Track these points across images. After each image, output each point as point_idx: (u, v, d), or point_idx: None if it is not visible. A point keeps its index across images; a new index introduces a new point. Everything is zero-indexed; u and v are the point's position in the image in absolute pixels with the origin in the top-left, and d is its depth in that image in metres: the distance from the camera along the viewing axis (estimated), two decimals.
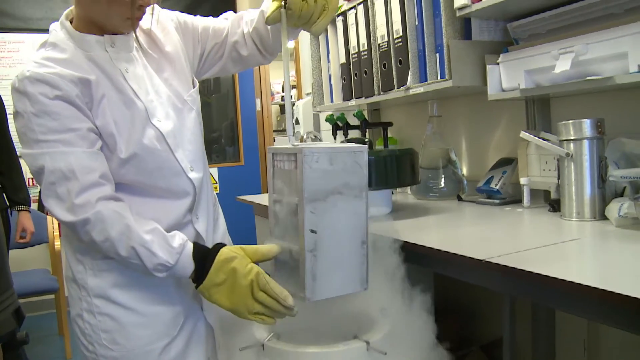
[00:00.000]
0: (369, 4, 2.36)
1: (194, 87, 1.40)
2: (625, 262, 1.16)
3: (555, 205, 1.75)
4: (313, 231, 1.10)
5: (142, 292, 1.27)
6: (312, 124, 3.54)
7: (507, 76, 1.89)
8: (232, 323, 1.28)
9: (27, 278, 3.80)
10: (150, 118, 1.26)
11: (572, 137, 1.60)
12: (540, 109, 2.06)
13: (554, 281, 1.01)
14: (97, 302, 1.26)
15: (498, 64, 1.91)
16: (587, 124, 1.58)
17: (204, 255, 1.18)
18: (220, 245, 1.20)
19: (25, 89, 1.15)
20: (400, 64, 2.17)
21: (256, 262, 1.18)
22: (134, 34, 1.30)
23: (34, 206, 4.07)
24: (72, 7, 1.27)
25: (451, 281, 1.38)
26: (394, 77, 2.21)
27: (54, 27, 1.27)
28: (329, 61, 2.81)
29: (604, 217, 1.55)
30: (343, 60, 2.62)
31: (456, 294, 1.79)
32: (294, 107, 3.73)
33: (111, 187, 1.21)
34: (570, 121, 1.60)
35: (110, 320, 1.25)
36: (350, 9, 2.52)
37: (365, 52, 2.40)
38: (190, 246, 1.20)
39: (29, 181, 4.37)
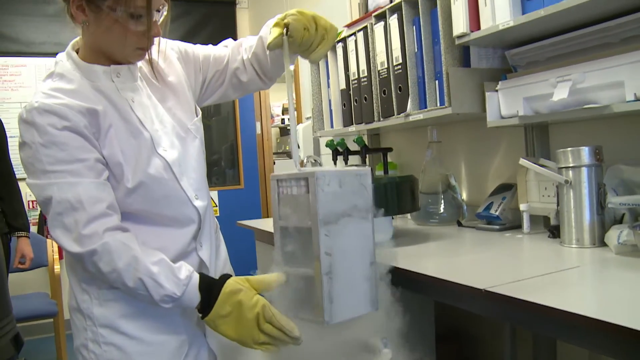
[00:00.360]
0: (369, 31, 2.39)
1: (197, 115, 1.42)
2: (625, 291, 1.16)
3: (555, 232, 1.76)
4: (328, 254, 1.10)
5: (148, 322, 1.28)
6: (312, 148, 3.55)
7: (506, 103, 1.90)
8: (235, 349, 1.27)
9: (26, 302, 3.79)
10: (156, 147, 1.28)
11: (571, 165, 1.61)
12: (539, 135, 2.07)
13: (553, 311, 1.02)
14: (102, 332, 1.26)
15: (497, 91, 1.93)
16: (585, 152, 1.59)
17: (210, 287, 1.19)
18: (226, 277, 1.21)
19: (33, 120, 1.16)
20: (400, 91, 2.19)
21: (261, 293, 1.19)
22: (138, 64, 1.33)
23: (33, 229, 4.07)
24: (79, 38, 1.30)
25: (452, 307, 1.37)
26: (394, 103, 2.22)
27: (60, 57, 1.29)
28: (329, 87, 2.83)
29: (603, 244, 1.55)
30: (343, 86, 2.64)
31: (457, 320, 1.79)
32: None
33: (118, 217, 1.21)
34: (569, 149, 1.62)
35: (116, 350, 1.25)
36: (350, 35, 2.54)
37: (365, 79, 2.42)
38: (196, 277, 1.20)
39: (28, 204, 4.38)
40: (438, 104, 2.03)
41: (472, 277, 1.28)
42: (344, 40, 2.61)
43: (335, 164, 2.58)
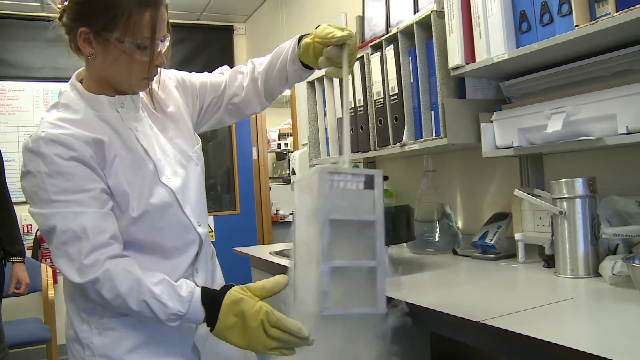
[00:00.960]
0: (365, 60, 2.41)
1: (197, 143, 1.45)
2: (619, 325, 1.17)
3: (549, 261, 1.77)
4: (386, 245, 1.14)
5: (147, 351, 1.28)
6: None
7: (501, 134, 1.92)
8: None
9: (19, 327, 3.76)
10: (160, 176, 1.30)
11: (565, 196, 1.63)
12: (534, 165, 2.09)
13: (548, 345, 1.02)
14: None
15: (492, 121, 1.95)
16: (579, 183, 1.61)
17: (212, 300, 1.20)
18: (227, 288, 1.22)
19: (39, 150, 1.17)
20: (395, 120, 2.21)
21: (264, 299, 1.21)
22: (140, 95, 1.36)
23: (27, 253, 4.06)
24: (82, 69, 1.33)
25: (448, 338, 1.38)
26: (390, 133, 2.25)
27: (65, 88, 1.31)
28: (325, 114, 2.85)
29: (598, 274, 1.56)
30: (339, 114, 2.66)
31: (454, 350, 1.79)
32: (291, 157, 3.76)
33: (120, 246, 1.22)
34: (563, 180, 1.63)
35: None
36: None
37: (362, 108, 2.45)
38: (198, 292, 1.21)
39: (22, 228, 4.37)
40: (434, 134, 2.05)
41: (468, 309, 1.29)
42: None
43: None
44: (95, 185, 1.20)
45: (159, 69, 1.32)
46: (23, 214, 4.71)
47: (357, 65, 2.48)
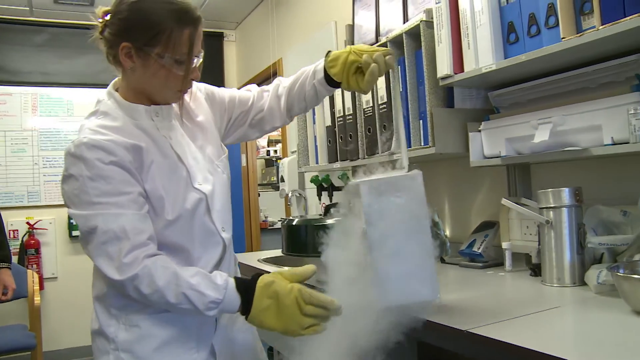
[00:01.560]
0: None
1: (224, 153, 1.53)
2: (604, 333, 1.18)
3: (536, 270, 1.78)
4: None
5: (167, 348, 1.34)
6: (297, 182, 3.57)
7: (489, 143, 1.94)
8: None
9: (4, 334, 3.73)
10: (192, 182, 1.38)
11: (552, 205, 1.65)
12: (521, 175, 2.11)
13: (534, 354, 1.03)
14: (123, 356, 1.32)
15: (480, 131, 1.97)
16: (565, 193, 1.63)
17: (246, 287, 1.25)
18: (258, 274, 1.28)
19: (82, 154, 1.24)
20: (384, 129, 2.23)
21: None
22: (173, 105, 1.44)
23: (14, 259, 4.03)
24: (118, 79, 1.41)
25: (437, 347, 1.39)
26: (379, 141, 2.26)
27: (102, 96, 1.40)
28: (314, 123, 2.86)
29: (584, 283, 1.57)
30: (329, 123, 2.68)
31: (442, 358, 1.79)
32: (280, 164, 3.77)
33: (155, 246, 1.29)
34: (550, 190, 1.65)
35: None
36: None
37: (351, 116, 2.46)
38: (232, 281, 1.27)
39: (9, 234, 4.34)
40: (422, 144, 2.06)
41: (455, 318, 1.30)
42: None
43: (320, 199, 2.59)
44: (133, 189, 1.27)
45: (192, 82, 1.39)
46: (10, 219, 4.69)
47: None
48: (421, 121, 2.07)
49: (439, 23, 1.93)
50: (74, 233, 5.01)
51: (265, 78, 4.65)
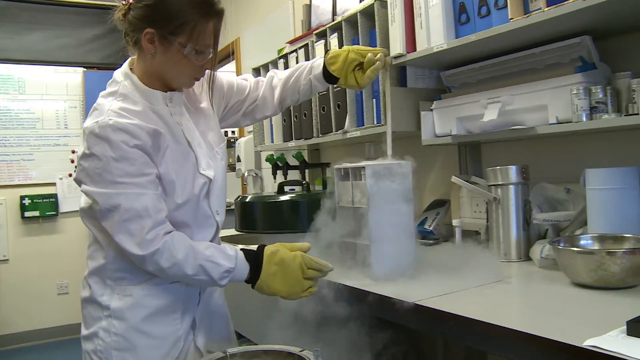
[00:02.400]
0: (310, 48, 2.43)
1: (223, 141, 1.58)
2: (543, 303, 1.23)
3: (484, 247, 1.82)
4: None
5: (155, 319, 1.42)
6: (254, 162, 3.57)
7: (440, 122, 1.98)
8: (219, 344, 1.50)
9: None
10: (199, 167, 1.45)
11: (500, 182, 1.69)
12: (472, 153, 2.16)
13: (477, 323, 1.07)
14: (115, 323, 1.40)
15: (432, 110, 2.00)
16: (513, 170, 1.67)
17: (253, 256, 1.39)
18: (263, 245, 1.41)
19: (107, 135, 1.29)
20: (338, 108, 2.24)
21: None
22: (183, 91, 1.49)
23: None
24: (132, 59, 1.46)
25: (391, 323, 1.42)
26: (333, 120, 2.27)
27: (119, 76, 1.43)
28: None
29: (529, 258, 1.63)
30: None
31: (394, 332, 1.83)
32: (237, 144, 3.75)
33: (170, 224, 1.38)
34: (498, 167, 1.69)
35: (124, 341, 1.39)
36: (292, 52, 2.59)
37: None
38: (241, 252, 1.39)
39: None
40: (375, 122, 2.09)
41: (404, 291, 1.33)
42: (285, 56, 2.65)
43: (274, 178, 2.60)
44: (152, 171, 1.34)
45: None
46: None
47: (301, 52, 2.49)
48: (374, 100, 2.09)
49: (393, 2, 1.95)
50: (27, 214, 4.91)
51: (223, 57, 4.58)
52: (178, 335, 1.46)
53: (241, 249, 1.40)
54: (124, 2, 1.37)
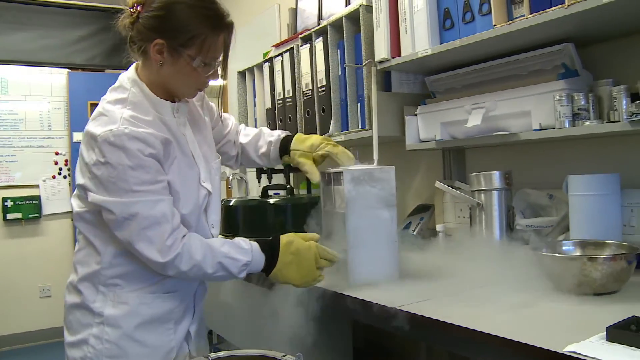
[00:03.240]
0: (295, 52, 2.43)
1: (218, 157, 1.61)
2: (527, 309, 1.23)
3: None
4: None
5: (149, 326, 1.41)
6: None
7: (425, 127, 1.98)
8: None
9: None
10: (200, 180, 1.47)
11: (483, 188, 1.70)
12: (456, 159, 2.16)
13: (457, 329, 1.07)
14: (108, 330, 1.38)
15: (416, 115, 2.00)
16: (496, 176, 1.68)
17: (269, 247, 1.42)
18: (278, 235, 1.44)
19: (123, 144, 1.28)
20: (323, 112, 2.24)
21: None
22: (187, 103, 1.50)
23: None
24: (137, 64, 1.44)
25: (372, 328, 1.42)
26: (317, 124, 2.27)
27: (126, 83, 1.41)
28: (255, 105, 2.85)
29: None
30: (269, 105, 2.67)
31: (377, 336, 1.83)
32: None
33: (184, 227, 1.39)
34: (481, 173, 1.70)
35: (117, 349, 1.38)
36: (277, 56, 2.58)
37: (290, 99, 2.46)
38: (255, 243, 1.42)
39: None
40: (360, 127, 2.09)
41: (386, 295, 1.33)
42: (270, 60, 2.65)
43: (259, 182, 2.58)
44: (164, 177, 1.35)
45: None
46: None
47: (287, 56, 2.49)
48: (359, 104, 2.09)
49: (378, 7, 1.95)
50: (9, 216, 4.85)
51: None
52: (171, 346, 1.45)
53: (256, 240, 1.43)
54: (131, 10, 1.36)
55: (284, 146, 1.69)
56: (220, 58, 1.40)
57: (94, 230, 1.40)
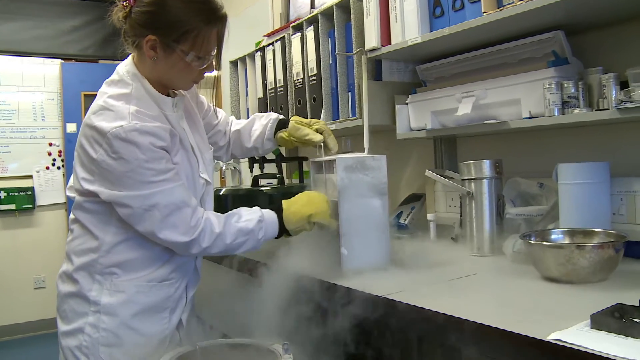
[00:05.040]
0: (286, 41, 2.42)
1: (210, 149, 1.63)
2: (514, 297, 1.23)
3: (457, 241, 1.83)
4: None
5: (145, 315, 1.43)
6: None
7: (415, 116, 1.97)
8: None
9: None
10: (200, 171, 1.51)
11: (473, 177, 1.69)
12: (447, 147, 2.16)
13: (444, 318, 1.07)
14: (104, 318, 1.40)
15: (407, 104, 2.00)
16: (486, 165, 1.67)
17: (273, 205, 1.50)
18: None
19: (135, 139, 1.30)
20: (314, 101, 2.23)
21: None
22: (183, 97, 1.54)
23: None
24: (134, 55, 1.44)
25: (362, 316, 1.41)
26: (308, 113, 2.26)
27: (127, 77, 1.42)
28: (247, 94, 2.84)
29: (502, 252, 1.62)
30: (260, 94, 2.66)
31: (366, 326, 1.83)
32: None
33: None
34: (471, 162, 1.69)
35: (113, 337, 1.40)
36: (269, 45, 2.57)
37: (282, 88, 2.45)
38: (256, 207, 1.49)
39: None
40: (350, 115, 2.08)
41: (374, 284, 1.32)
42: (262, 49, 2.63)
43: (251, 171, 2.58)
44: (174, 165, 1.39)
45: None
46: None
47: (278, 45, 2.48)
48: (349, 93, 2.08)
49: None
50: (3, 207, 4.84)
51: None
52: (165, 335, 1.47)
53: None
54: (124, 3, 1.36)
55: (281, 126, 1.72)
56: (214, 52, 1.41)
57: (93, 219, 1.41)
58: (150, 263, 1.43)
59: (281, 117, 1.77)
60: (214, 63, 1.44)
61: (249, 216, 1.44)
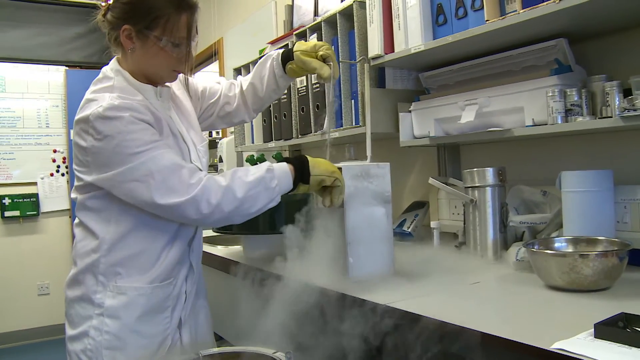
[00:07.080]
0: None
1: (204, 140, 1.64)
2: (517, 306, 1.23)
3: (461, 249, 1.82)
4: None
5: (148, 317, 1.45)
6: (235, 162, 3.55)
7: (418, 124, 1.97)
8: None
9: None
10: (192, 159, 1.52)
11: (477, 185, 1.69)
12: (451, 155, 2.15)
13: (448, 326, 1.06)
14: (107, 322, 1.41)
15: (410, 112, 2.00)
16: (489, 172, 1.67)
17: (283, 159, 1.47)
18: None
19: (115, 114, 1.33)
20: (317, 109, 2.23)
21: None
22: (170, 87, 1.57)
23: None
24: (118, 57, 1.50)
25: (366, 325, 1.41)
26: (312, 121, 2.26)
27: (110, 73, 1.47)
28: None
29: (505, 260, 1.62)
30: None
31: (368, 335, 1.83)
32: (219, 144, 3.73)
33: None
34: (475, 169, 1.69)
35: (117, 340, 1.41)
36: None
37: (285, 96, 2.45)
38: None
39: None
40: (354, 123, 2.08)
41: (377, 293, 1.32)
42: None
43: None
44: (162, 139, 1.40)
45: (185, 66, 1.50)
46: None
47: None
48: (353, 101, 2.08)
49: (371, 3, 1.94)
50: (7, 214, 4.86)
51: (206, 57, 4.57)
52: (166, 334, 1.49)
53: None
54: (103, 4, 1.44)
55: (286, 58, 1.68)
56: (195, 38, 1.47)
57: (95, 217, 1.44)
58: (151, 260, 1.45)
59: (280, 50, 1.73)
60: (194, 48, 1.49)
61: (255, 169, 1.41)
